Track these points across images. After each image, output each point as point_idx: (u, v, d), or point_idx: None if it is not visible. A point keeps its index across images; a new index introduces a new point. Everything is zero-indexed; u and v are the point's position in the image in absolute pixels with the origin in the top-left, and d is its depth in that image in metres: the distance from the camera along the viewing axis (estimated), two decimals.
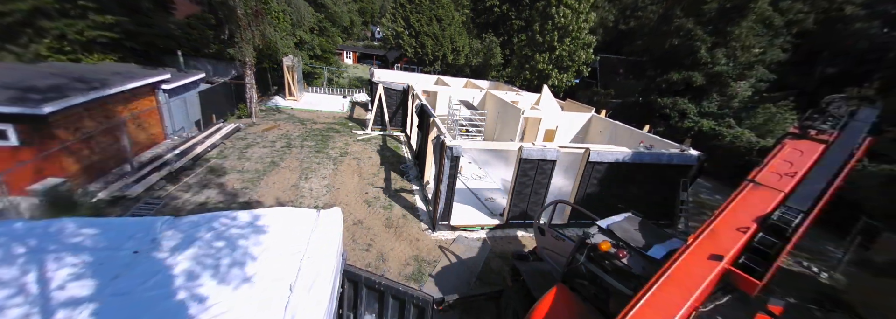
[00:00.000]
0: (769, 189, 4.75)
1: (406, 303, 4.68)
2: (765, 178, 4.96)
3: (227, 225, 4.13)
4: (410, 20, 30.59)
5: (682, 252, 4.20)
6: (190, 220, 4.19)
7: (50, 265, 3.26)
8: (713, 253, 4.01)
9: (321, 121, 18.08)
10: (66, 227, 3.81)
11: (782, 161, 5.18)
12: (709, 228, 4.40)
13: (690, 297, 3.71)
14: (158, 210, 8.67)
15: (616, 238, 4.68)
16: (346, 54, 42.88)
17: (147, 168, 10.26)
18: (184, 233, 3.94)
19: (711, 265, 3.92)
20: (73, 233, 3.74)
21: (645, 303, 3.75)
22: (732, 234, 4.23)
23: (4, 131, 7.95)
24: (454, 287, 7.19)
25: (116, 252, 3.56)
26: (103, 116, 9.75)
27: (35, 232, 3.71)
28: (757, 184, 4.88)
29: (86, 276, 3.20)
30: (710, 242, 4.21)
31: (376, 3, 61.83)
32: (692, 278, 3.86)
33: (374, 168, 12.81)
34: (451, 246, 8.63)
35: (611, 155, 8.97)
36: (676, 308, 3.63)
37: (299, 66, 21.68)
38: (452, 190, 8.71)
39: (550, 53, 24.80)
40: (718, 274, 3.92)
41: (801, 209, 4.40)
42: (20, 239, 3.57)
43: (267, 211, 4.47)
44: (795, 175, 4.87)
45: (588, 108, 14.99)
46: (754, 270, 3.92)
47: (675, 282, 3.86)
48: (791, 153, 5.25)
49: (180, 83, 12.81)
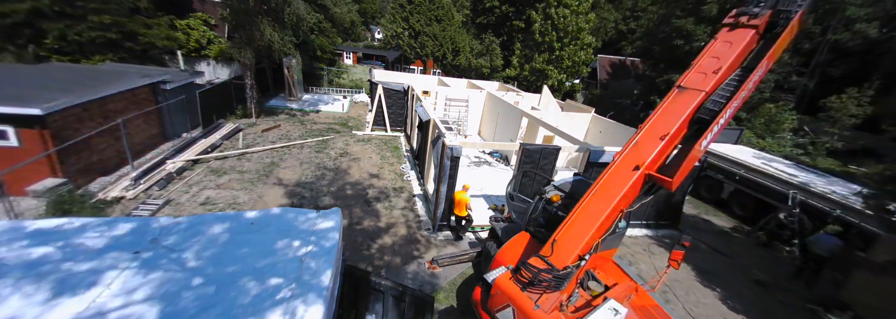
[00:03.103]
0: (693, 90, 4.78)
1: (406, 303, 4.67)
2: (690, 81, 4.90)
3: (226, 226, 4.12)
4: (410, 20, 30.60)
5: (607, 168, 4.87)
6: (190, 220, 4.19)
7: (50, 265, 3.25)
8: (636, 163, 4.61)
9: (321, 122, 18.07)
10: (65, 227, 3.80)
11: (710, 58, 4.93)
12: (633, 142, 4.88)
13: (611, 203, 4.50)
14: (158, 210, 8.66)
15: (564, 192, 5.86)
16: (346, 55, 42.88)
17: (146, 168, 10.25)
18: (184, 234, 3.93)
19: (631, 174, 4.59)
20: (73, 234, 3.73)
21: (575, 215, 4.70)
22: (653, 144, 4.68)
23: (4, 132, 7.95)
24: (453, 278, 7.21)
25: (116, 252, 3.55)
26: (103, 117, 9.73)
27: (34, 232, 3.71)
28: (682, 89, 4.91)
29: (86, 276, 3.19)
30: (633, 154, 4.76)
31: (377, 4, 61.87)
32: (614, 188, 4.61)
33: (375, 168, 12.80)
34: (451, 248, 8.62)
35: (610, 155, 8.97)
36: (600, 213, 4.51)
37: (299, 67, 21.68)
38: (453, 190, 8.71)
39: (550, 54, 24.81)
40: (639, 180, 4.58)
41: (719, 100, 4.61)
42: (19, 239, 3.56)
43: (267, 212, 4.47)
44: (720, 70, 4.70)
45: (588, 109, 14.99)
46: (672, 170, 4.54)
47: (599, 195, 4.68)
48: (720, 47, 4.95)
49: (180, 83, 12.80)
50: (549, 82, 24.40)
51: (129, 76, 11.30)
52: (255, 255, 3.70)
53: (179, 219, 4.22)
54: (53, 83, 9.61)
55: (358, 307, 4.79)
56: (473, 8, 34.69)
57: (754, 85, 4.79)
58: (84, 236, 3.72)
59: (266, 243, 3.90)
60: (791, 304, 8.27)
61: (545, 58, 24.79)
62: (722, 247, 10.27)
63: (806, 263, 9.25)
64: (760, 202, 11.52)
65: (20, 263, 3.26)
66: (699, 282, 8.55)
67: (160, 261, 3.48)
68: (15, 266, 3.22)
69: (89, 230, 3.82)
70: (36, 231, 3.73)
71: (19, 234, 3.63)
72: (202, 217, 4.29)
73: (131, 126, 10.67)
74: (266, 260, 3.66)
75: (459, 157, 8.46)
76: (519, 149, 8.79)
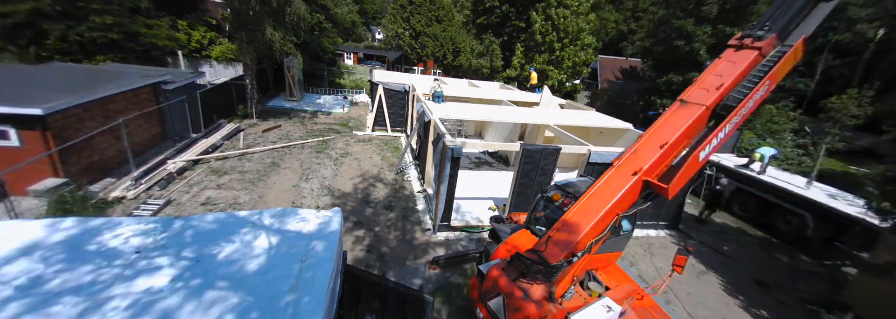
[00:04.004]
0: (694, 104, 4.91)
1: (406, 303, 4.67)
2: (693, 96, 5.03)
3: (227, 226, 4.13)
4: (411, 21, 30.62)
5: (607, 172, 5.00)
6: (190, 221, 4.20)
7: (50, 265, 3.26)
8: (635, 170, 4.75)
9: (322, 122, 18.09)
10: (66, 228, 3.81)
11: (713, 76, 5.05)
12: (632, 150, 5.03)
13: (608, 204, 4.64)
14: (159, 210, 8.67)
15: (565, 191, 5.92)
16: (347, 55, 42.89)
17: (147, 168, 10.26)
18: (184, 234, 3.94)
19: (628, 179, 4.72)
20: (74, 234, 3.74)
21: (573, 211, 4.86)
22: (652, 151, 4.79)
23: (4, 132, 7.96)
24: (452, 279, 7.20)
25: (117, 252, 3.56)
26: (104, 117, 9.75)
27: (34, 232, 3.72)
28: (684, 103, 5.04)
29: (86, 277, 3.20)
30: (633, 160, 4.91)
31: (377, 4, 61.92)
32: (611, 190, 4.76)
33: (375, 168, 12.81)
34: (451, 249, 8.62)
35: (611, 156, 8.97)
36: (596, 212, 4.65)
37: (300, 67, 21.70)
38: (453, 190, 8.71)
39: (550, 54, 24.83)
40: (636, 185, 4.71)
41: (722, 112, 4.78)
42: (19, 239, 3.57)
43: (267, 212, 4.47)
44: (722, 86, 4.81)
45: (587, 109, 15.00)
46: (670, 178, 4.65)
47: (597, 195, 4.84)
48: (724, 66, 5.07)
49: (181, 83, 12.81)
50: (549, 82, 24.41)
51: (129, 76, 11.31)
52: (255, 255, 3.71)
53: (180, 219, 4.23)
54: (54, 83, 9.63)
55: (358, 307, 4.80)
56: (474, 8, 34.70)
57: (755, 103, 4.90)
58: (84, 236, 3.73)
59: (266, 243, 3.91)
60: (791, 304, 8.26)
61: (545, 59, 24.81)
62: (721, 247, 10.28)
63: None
64: (763, 202, 11.66)
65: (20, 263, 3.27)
66: (699, 283, 8.55)
67: (161, 261, 3.49)
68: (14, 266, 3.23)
69: (89, 230, 3.83)
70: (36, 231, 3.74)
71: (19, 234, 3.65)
72: (203, 217, 4.30)
73: (132, 126, 10.68)
74: (266, 260, 3.67)
75: (460, 158, 8.47)
76: (520, 150, 8.78)
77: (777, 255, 10.43)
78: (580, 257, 4.73)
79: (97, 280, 3.18)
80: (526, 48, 26.50)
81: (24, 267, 3.22)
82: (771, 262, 10.02)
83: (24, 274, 3.14)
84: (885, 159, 17.04)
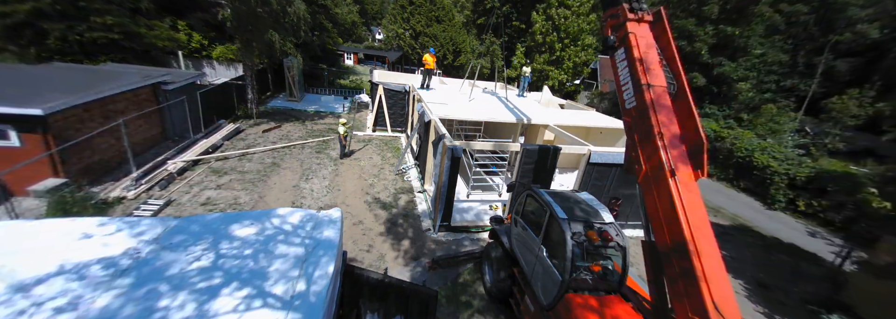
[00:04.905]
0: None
1: (409, 300, 4.67)
2: None
3: (227, 226, 4.13)
4: (411, 21, 30.62)
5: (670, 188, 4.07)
6: (191, 221, 4.19)
7: (50, 265, 3.26)
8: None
9: (322, 122, 18.08)
10: (66, 228, 3.81)
11: None
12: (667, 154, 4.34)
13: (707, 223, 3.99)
14: (159, 210, 8.66)
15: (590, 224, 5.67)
16: (347, 55, 42.90)
17: (147, 168, 10.26)
18: (184, 234, 3.94)
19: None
20: (74, 234, 3.74)
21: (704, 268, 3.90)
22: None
23: (5, 131, 7.96)
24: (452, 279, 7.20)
25: (117, 252, 3.55)
26: (104, 117, 9.75)
27: (35, 232, 3.71)
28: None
29: (86, 277, 3.19)
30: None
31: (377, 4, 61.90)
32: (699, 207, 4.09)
33: (375, 169, 12.81)
34: (451, 249, 8.61)
35: (611, 156, 8.97)
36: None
37: (300, 67, 21.71)
38: (453, 191, 8.70)
39: (550, 54, 24.83)
40: None
41: None
42: (20, 238, 3.57)
43: (268, 212, 4.47)
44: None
45: (588, 109, 14.99)
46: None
47: (699, 226, 4.01)
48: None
49: (181, 84, 12.81)
50: (549, 82, 24.42)
51: (129, 76, 11.31)
52: (255, 255, 3.70)
53: (180, 220, 4.23)
54: (55, 83, 9.63)
55: (358, 307, 4.79)
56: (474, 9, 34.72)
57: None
58: (85, 236, 3.73)
59: (267, 243, 3.91)
60: (791, 304, 8.25)
61: (546, 59, 24.82)
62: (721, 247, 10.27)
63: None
64: None
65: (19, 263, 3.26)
66: None
67: (161, 262, 3.48)
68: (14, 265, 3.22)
69: (90, 230, 3.82)
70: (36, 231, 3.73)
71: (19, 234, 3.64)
72: (203, 217, 4.30)
73: (132, 126, 10.68)
74: (267, 260, 3.66)
75: (460, 158, 8.46)
76: (520, 150, 8.77)
77: (777, 255, 10.42)
78: None
79: (97, 280, 3.17)
80: (527, 48, 26.51)
81: (24, 267, 3.22)
82: (771, 262, 10.01)
83: (23, 274, 3.13)
84: (885, 159, 17.04)
